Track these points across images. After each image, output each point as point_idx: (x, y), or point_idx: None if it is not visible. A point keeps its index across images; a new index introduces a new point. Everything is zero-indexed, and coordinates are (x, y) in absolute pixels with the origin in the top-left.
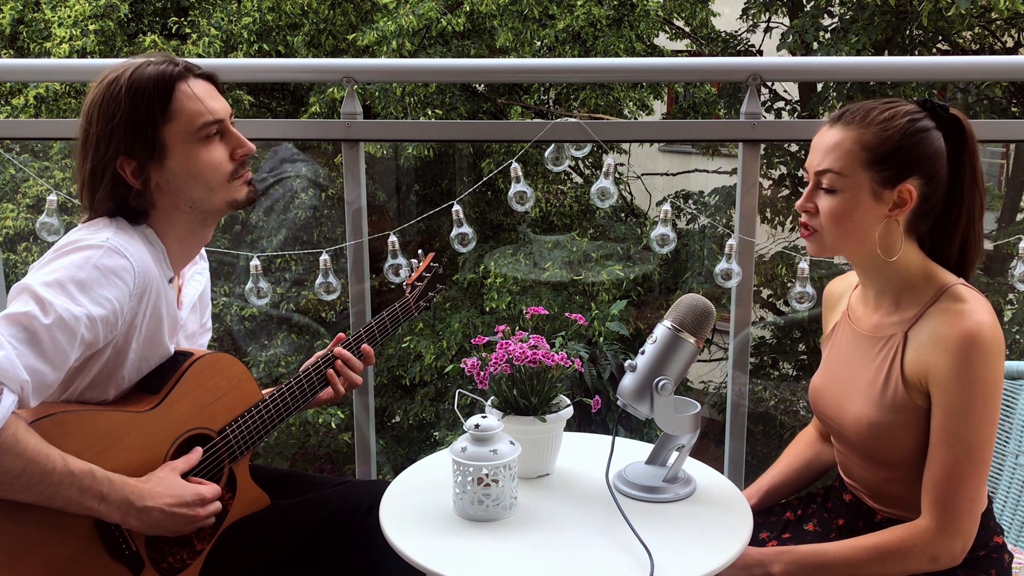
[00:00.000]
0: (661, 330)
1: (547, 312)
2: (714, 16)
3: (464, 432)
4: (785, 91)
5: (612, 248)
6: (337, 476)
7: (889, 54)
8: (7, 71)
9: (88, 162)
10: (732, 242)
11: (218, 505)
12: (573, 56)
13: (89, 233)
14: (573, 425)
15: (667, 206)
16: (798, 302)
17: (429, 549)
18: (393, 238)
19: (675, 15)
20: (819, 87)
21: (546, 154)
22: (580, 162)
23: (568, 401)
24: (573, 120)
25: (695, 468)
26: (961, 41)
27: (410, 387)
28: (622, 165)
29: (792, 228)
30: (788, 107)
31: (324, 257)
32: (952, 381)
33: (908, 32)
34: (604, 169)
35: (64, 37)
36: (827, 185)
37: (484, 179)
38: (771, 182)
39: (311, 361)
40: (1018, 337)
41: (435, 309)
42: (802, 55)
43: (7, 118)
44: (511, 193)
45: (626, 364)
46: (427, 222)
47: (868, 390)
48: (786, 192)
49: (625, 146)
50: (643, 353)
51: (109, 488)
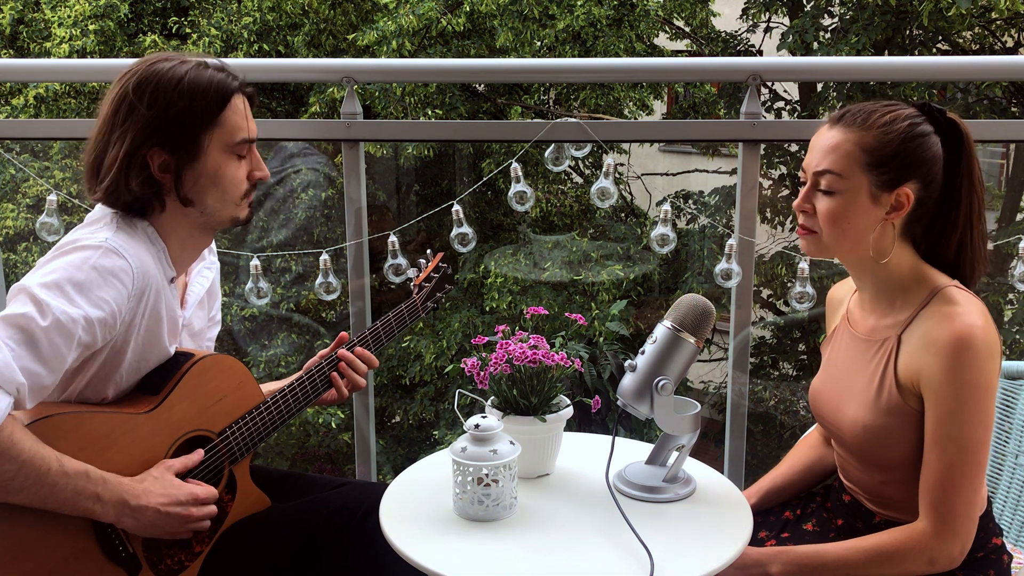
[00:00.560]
0: (661, 330)
1: (547, 312)
2: (714, 16)
3: (464, 432)
4: (785, 91)
5: (612, 248)
6: (337, 476)
7: (889, 54)
8: (7, 71)
9: (124, 143)
10: (732, 242)
11: (213, 508)
12: (573, 56)
13: (88, 233)
14: (573, 425)
15: (667, 206)
16: (798, 302)
17: (429, 549)
18: (393, 238)
19: (675, 15)
20: (819, 87)
21: (546, 154)
22: (580, 162)
23: (568, 401)
24: (573, 120)
25: (695, 468)
26: (961, 41)
27: (410, 387)
28: (622, 165)
29: (792, 228)
30: (788, 107)
31: (324, 257)
32: (944, 384)
33: (908, 32)
34: (604, 169)
35: (64, 37)
36: (825, 186)
37: (484, 179)
38: (771, 182)
39: (314, 361)
40: (1018, 337)
41: (439, 308)
42: (802, 55)
43: (7, 118)
44: (511, 193)
45: (626, 364)
46: (427, 222)
47: (864, 394)
48: (786, 192)
49: (625, 146)
50: (643, 353)
51: (104, 488)
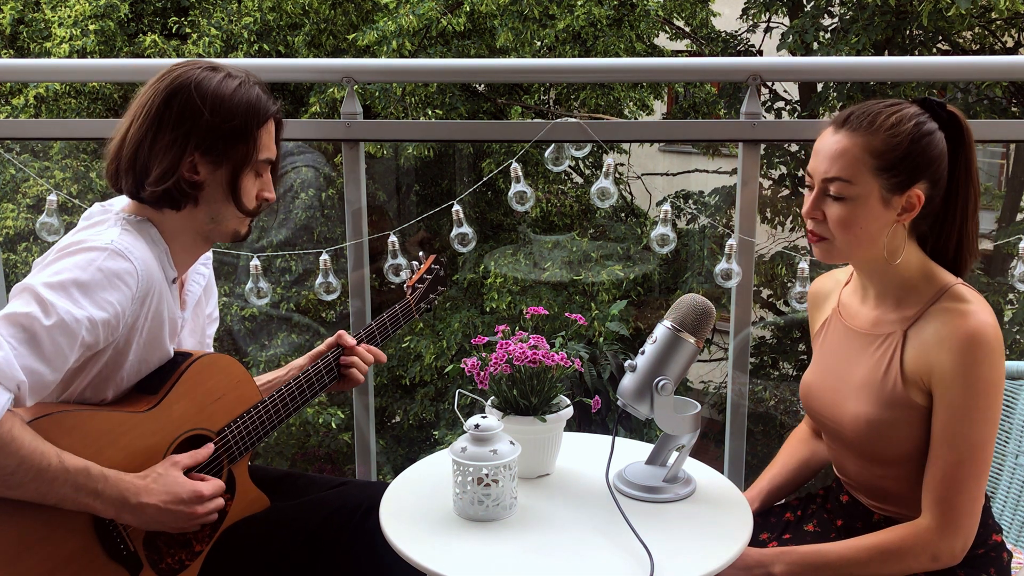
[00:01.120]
0: (661, 330)
1: (547, 312)
2: (714, 16)
3: (464, 432)
4: (785, 91)
5: (612, 248)
6: (337, 476)
7: (889, 54)
8: (7, 71)
9: (178, 144)
10: (732, 242)
11: (220, 502)
12: (573, 56)
13: (94, 234)
14: (573, 425)
15: (667, 206)
16: (798, 302)
17: (429, 549)
18: (393, 238)
19: (675, 15)
20: (819, 87)
21: (546, 154)
22: (580, 162)
23: (568, 401)
24: (573, 120)
25: (695, 468)
26: (961, 41)
27: (410, 387)
28: (622, 165)
29: (792, 228)
30: (788, 107)
31: (324, 257)
32: (956, 381)
33: (908, 32)
34: (604, 169)
35: (64, 37)
36: (835, 193)
37: (484, 179)
38: (771, 182)
39: (304, 361)
40: (1018, 337)
41: (435, 309)
42: (802, 55)
43: (7, 118)
44: (511, 193)
45: (626, 364)
46: (427, 222)
47: (865, 387)
48: (786, 192)
49: (625, 146)
50: (643, 353)
51: (104, 485)
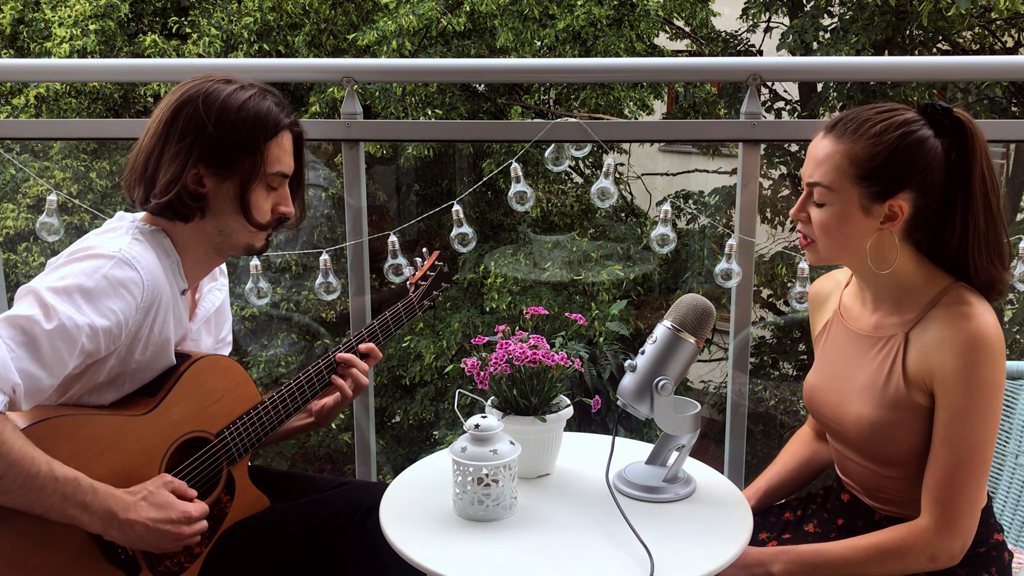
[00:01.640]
0: (661, 330)
1: (547, 312)
2: (714, 16)
3: (464, 432)
4: (785, 91)
5: (612, 248)
6: (337, 476)
7: (889, 54)
8: (7, 71)
9: (182, 156)
10: (732, 242)
11: (204, 525)
12: (573, 56)
13: (104, 240)
14: (573, 425)
15: (667, 206)
16: (798, 302)
17: (429, 549)
18: (393, 238)
19: (675, 15)
20: (819, 87)
21: (546, 154)
22: (580, 162)
23: (568, 401)
24: (573, 120)
25: (695, 468)
26: (961, 41)
27: (410, 387)
28: (622, 165)
29: (792, 228)
30: (788, 107)
31: (324, 257)
32: (957, 382)
33: (908, 32)
34: (604, 169)
35: (64, 37)
36: (817, 198)
37: (484, 179)
38: (771, 182)
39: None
40: (1018, 337)
41: (436, 308)
42: (802, 55)
43: (7, 118)
44: (511, 193)
45: (626, 364)
46: (427, 222)
47: (868, 389)
48: (786, 192)
49: (625, 146)
50: (643, 353)
51: (92, 498)
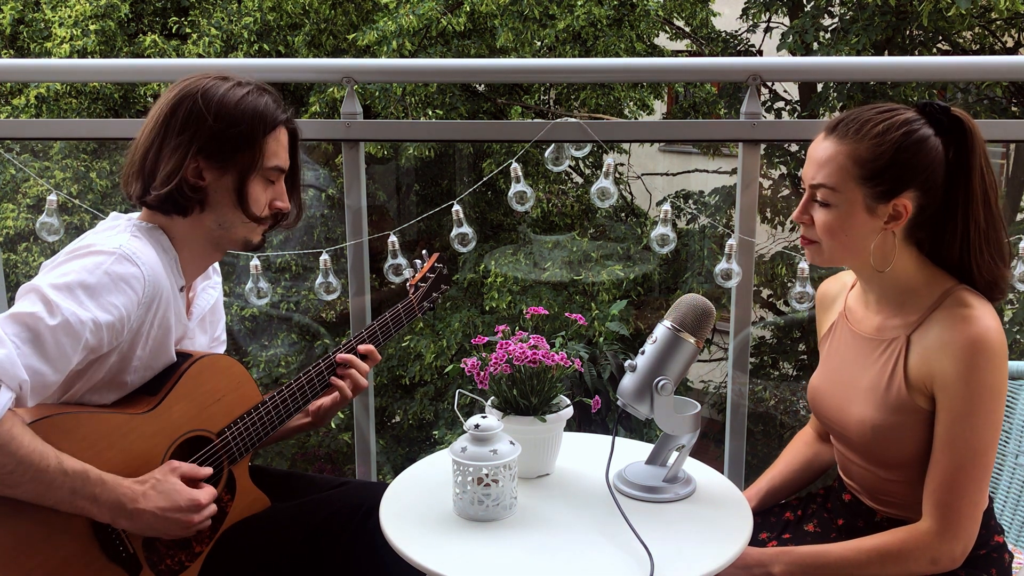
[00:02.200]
0: (661, 330)
1: (547, 312)
2: (714, 16)
3: (464, 432)
4: (785, 91)
5: (612, 248)
6: (337, 476)
7: (889, 54)
8: (7, 71)
9: (181, 149)
10: (732, 242)
11: (214, 508)
12: (573, 56)
13: (103, 238)
14: (573, 425)
15: (667, 206)
16: (798, 302)
17: (429, 549)
18: (393, 238)
19: (675, 15)
20: (819, 87)
21: (546, 154)
22: (580, 162)
23: (568, 401)
24: (573, 120)
25: (695, 468)
26: (961, 41)
27: (410, 387)
28: (622, 165)
29: (792, 228)
30: (788, 107)
31: (324, 257)
32: (958, 386)
33: (908, 32)
34: (604, 169)
35: (64, 37)
36: (821, 199)
37: (484, 179)
38: (771, 182)
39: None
40: (1018, 337)
41: (436, 308)
42: (802, 55)
43: (7, 118)
44: (511, 193)
45: (626, 364)
46: (427, 222)
47: (871, 392)
48: (786, 192)
49: (625, 146)
50: (643, 353)
51: (102, 489)
